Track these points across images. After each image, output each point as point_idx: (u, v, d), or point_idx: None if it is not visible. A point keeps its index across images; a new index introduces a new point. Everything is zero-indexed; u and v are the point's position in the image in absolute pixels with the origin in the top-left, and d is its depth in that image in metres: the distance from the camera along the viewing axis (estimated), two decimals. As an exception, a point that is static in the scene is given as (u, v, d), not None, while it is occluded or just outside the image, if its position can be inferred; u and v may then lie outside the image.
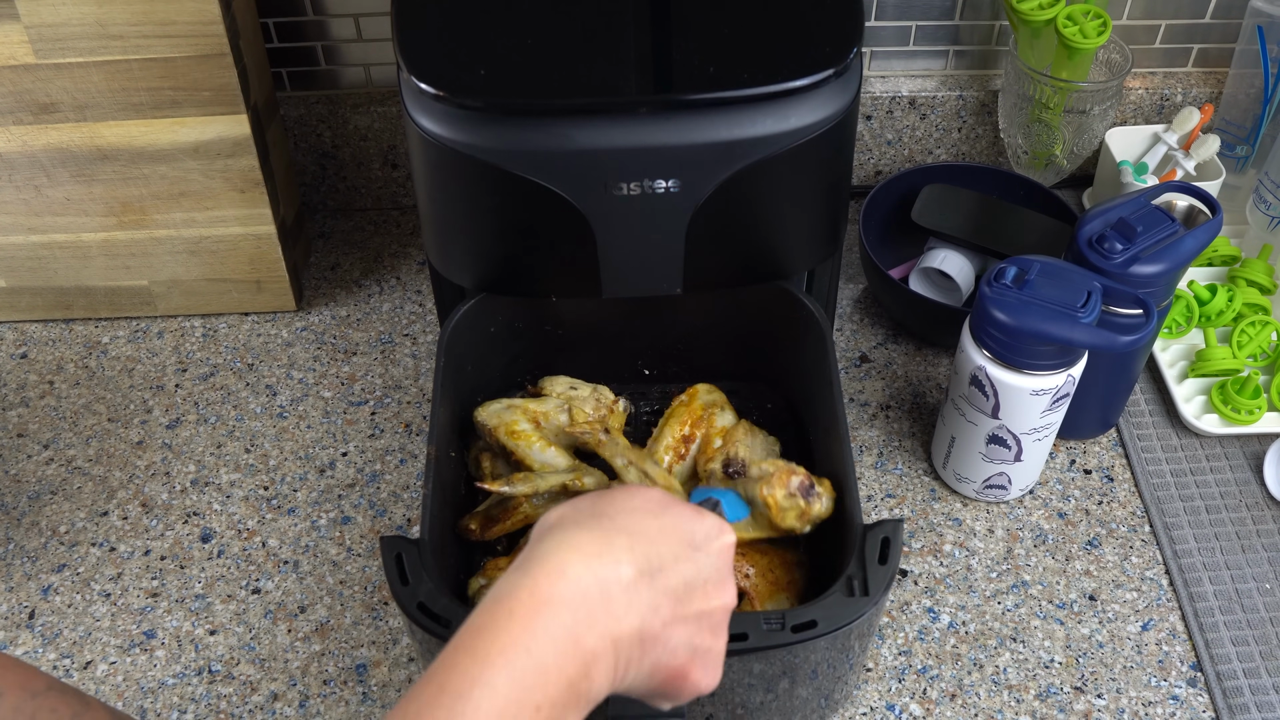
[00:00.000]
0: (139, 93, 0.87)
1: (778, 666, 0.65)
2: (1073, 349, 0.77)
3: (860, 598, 0.63)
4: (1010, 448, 0.82)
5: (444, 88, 0.67)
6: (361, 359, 0.99)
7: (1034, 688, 0.78)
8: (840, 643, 0.65)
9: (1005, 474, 0.85)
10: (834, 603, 0.63)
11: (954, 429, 0.84)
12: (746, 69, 0.68)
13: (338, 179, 1.11)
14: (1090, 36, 0.95)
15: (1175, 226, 0.79)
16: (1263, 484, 0.88)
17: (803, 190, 0.74)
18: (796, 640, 0.62)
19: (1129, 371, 0.87)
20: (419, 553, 0.66)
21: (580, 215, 0.70)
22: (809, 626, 0.62)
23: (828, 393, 0.76)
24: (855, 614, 0.63)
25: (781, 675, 0.66)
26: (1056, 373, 0.77)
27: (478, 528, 0.79)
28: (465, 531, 0.79)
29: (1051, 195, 1.00)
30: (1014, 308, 0.75)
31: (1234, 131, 1.05)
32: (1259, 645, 0.79)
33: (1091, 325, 0.74)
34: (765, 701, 0.68)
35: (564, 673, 0.46)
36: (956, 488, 0.88)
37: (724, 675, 0.64)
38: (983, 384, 0.79)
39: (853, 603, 0.63)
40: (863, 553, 0.65)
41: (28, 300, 1.01)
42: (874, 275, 0.97)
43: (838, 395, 0.75)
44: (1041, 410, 0.79)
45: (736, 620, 0.63)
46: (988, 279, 0.77)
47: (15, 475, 0.91)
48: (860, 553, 0.65)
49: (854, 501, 0.69)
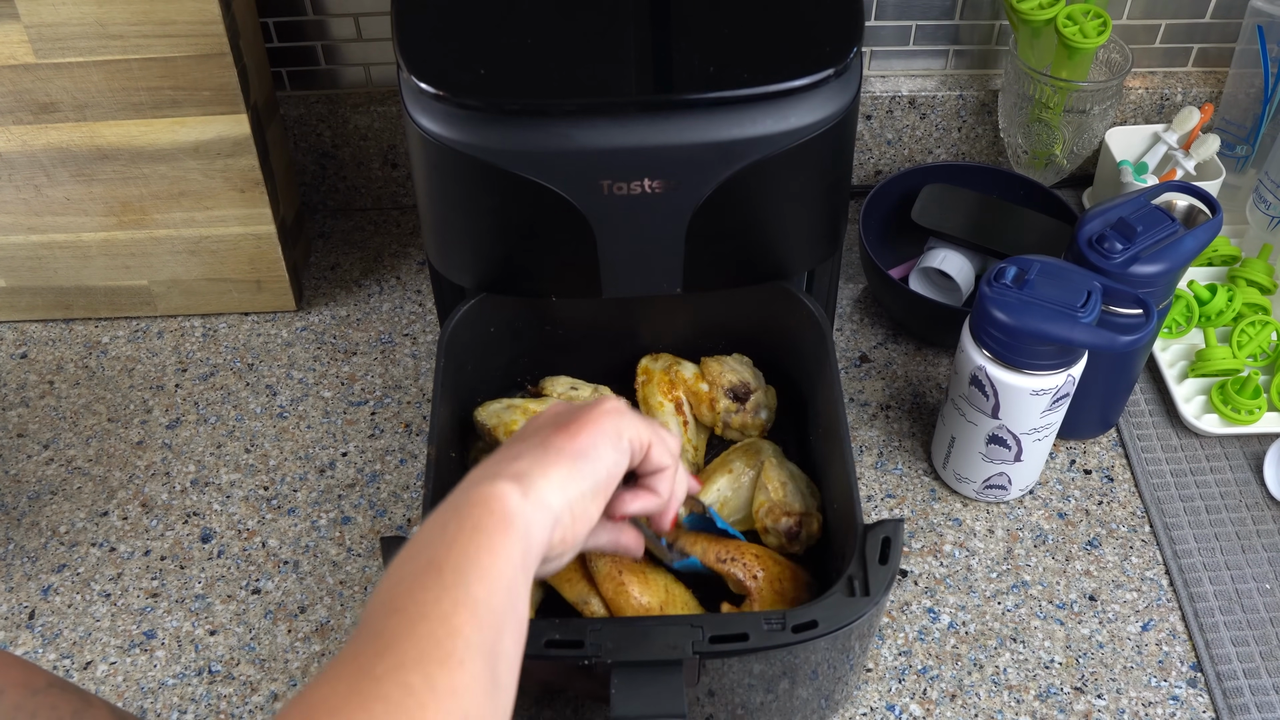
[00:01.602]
0: (139, 92, 0.87)
1: (778, 667, 0.65)
2: (1073, 349, 0.77)
3: (861, 598, 0.63)
4: (1010, 448, 0.82)
5: (444, 87, 0.67)
6: (361, 359, 0.99)
7: (1034, 688, 0.78)
8: (841, 643, 0.65)
9: (1005, 474, 0.85)
10: (834, 603, 0.63)
11: (954, 429, 0.84)
12: (746, 69, 0.68)
13: (338, 179, 1.11)
14: (1090, 36, 0.95)
15: (1175, 226, 0.79)
16: (1263, 484, 0.88)
17: (803, 190, 0.74)
18: (797, 640, 0.62)
19: (1129, 371, 0.86)
20: None
21: (580, 215, 0.70)
22: (810, 626, 0.62)
23: (829, 393, 0.76)
24: (856, 614, 0.63)
25: (782, 675, 0.66)
26: (1056, 373, 0.77)
27: None
28: None
29: (1051, 195, 0.99)
30: (1014, 308, 0.74)
31: (1234, 131, 1.05)
32: (1259, 645, 0.79)
33: (1091, 325, 0.74)
34: (765, 702, 0.68)
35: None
36: (956, 488, 0.88)
37: (724, 675, 0.64)
38: (983, 384, 0.79)
39: (853, 603, 0.63)
40: (863, 553, 0.65)
41: (28, 300, 1.01)
42: (874, 275, 0.97)
43: (838, 396, 0.75)
44: (1041, 410, 0.79)
45: (737, 620, 0.63)
46: (987, 279, 0.77)
47: (15, 475, 0.91)
48: (861, 553, 0.65)
49: (855, 502, 0.69)
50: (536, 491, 0.54)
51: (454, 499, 0.53)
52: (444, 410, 0.76)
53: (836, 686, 0.71)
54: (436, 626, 0.46)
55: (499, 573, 0.50)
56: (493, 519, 0.51)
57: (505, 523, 0.52)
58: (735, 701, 0.67)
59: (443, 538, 0.50)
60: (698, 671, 0.63)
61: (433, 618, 0.46)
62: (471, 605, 0.47)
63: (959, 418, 0.83)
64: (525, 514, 0.53)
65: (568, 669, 0.63)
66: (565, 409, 0.61)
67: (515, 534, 0.52)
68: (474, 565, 0.49)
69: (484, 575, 0.49)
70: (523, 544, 0.52)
